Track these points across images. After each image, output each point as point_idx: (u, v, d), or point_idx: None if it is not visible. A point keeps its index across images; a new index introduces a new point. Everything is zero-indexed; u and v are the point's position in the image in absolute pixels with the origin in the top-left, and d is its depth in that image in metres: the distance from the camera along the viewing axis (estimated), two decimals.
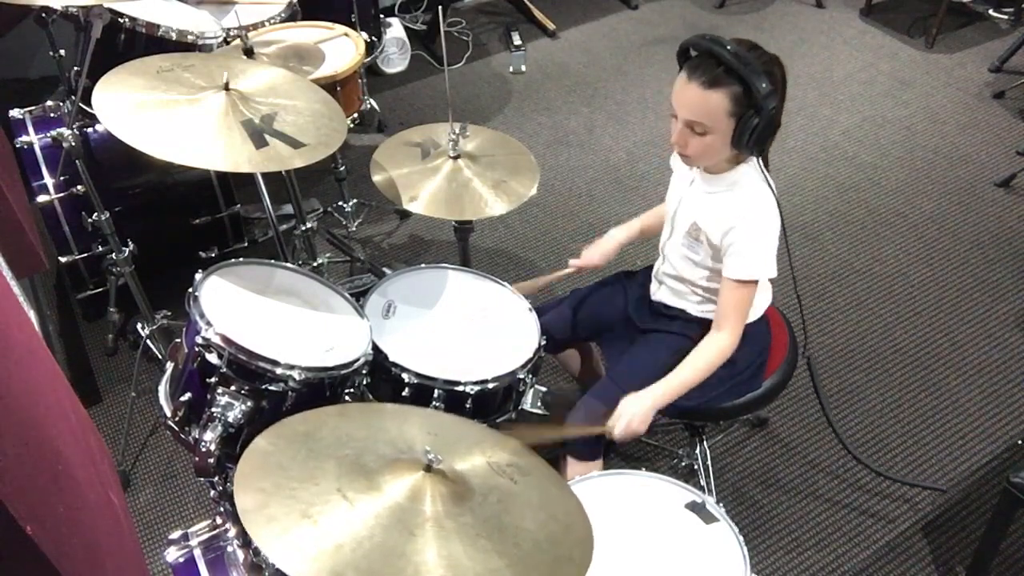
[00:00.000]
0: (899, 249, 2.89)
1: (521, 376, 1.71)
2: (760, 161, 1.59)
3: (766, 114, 1.44)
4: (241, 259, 1.66)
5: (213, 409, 1.42)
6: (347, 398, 1.58)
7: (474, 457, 1.26)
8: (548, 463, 1.35)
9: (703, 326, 1.72)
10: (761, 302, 1.75)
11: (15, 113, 2.41)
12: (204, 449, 1.38)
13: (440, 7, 3.08)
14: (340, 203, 2.91)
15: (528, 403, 1.81)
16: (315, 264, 2.24)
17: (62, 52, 2.41)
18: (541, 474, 1.30)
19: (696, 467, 2.04)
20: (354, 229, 2.93)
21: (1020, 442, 2.26)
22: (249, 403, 1.43)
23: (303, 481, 1.10)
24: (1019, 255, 2.84)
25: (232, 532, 1.56)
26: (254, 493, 1.07)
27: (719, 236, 1.60)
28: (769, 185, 1.58)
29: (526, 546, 1.11)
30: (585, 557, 1.14)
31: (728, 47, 1.43)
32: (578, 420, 1.73)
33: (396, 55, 3.76)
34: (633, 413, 1.60)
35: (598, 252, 1.92)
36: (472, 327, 1.80)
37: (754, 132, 1.46)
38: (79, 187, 2.26)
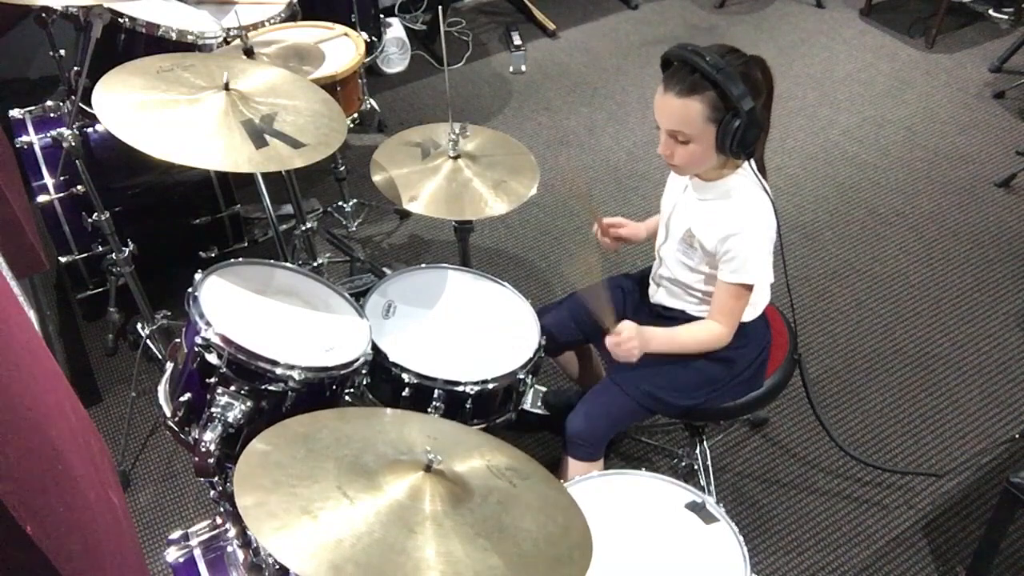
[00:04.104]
0: (899, 249, 2.89)
1: (521, 376, 1.71)
2: (752, 165, 1.59)
3: (744, 116, 1.44)
4: (241, 259, 1.66)
5: (213, 409, 1.42)
6: (347, 398, 1.58)
7: (473, 460, 1.26)
8: (548, 464, 1.35)
9: None
10: (760, 301, 1.75)
11: (15, 113, 2.41)
12: (204, 449, 1.38)
13: (440, 7, 3.08)
14: (340, 203, 2.91)
15: (528, 403, 1.81)
16: (315, 264, 2.24)
17: (62, 52, 2.41)
18: (540, 479, 1.30)
19: (696, 467, 2.04)
20: (354, 229, 2.94)
21: (1018, 436, 2.26)
22: (249, 403, 1.43)
23: (303, 479, 1.11)
24: (1019, 255, 2.84)
25: (232, 532, 1.56)
26: (254, 490, 1.07)
27: (713, 244, 1.60)
28: (764, 189, 1.58)
29: (525, 546, 1.11)
30: (584, 559, 1.14)
31: (701, 55, 1.44)
32: (578, 424, 1.73)
33: (396, 55, 3.76)
34: (633, 337, 1.59)
35: (632, 225, 1.89)
36: (472, 327, 1.80)
37: (735, 136, 1.47)
38: (79, 187, 2.26)
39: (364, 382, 1.63)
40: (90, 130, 2.34)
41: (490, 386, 1.66)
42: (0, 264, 2.09)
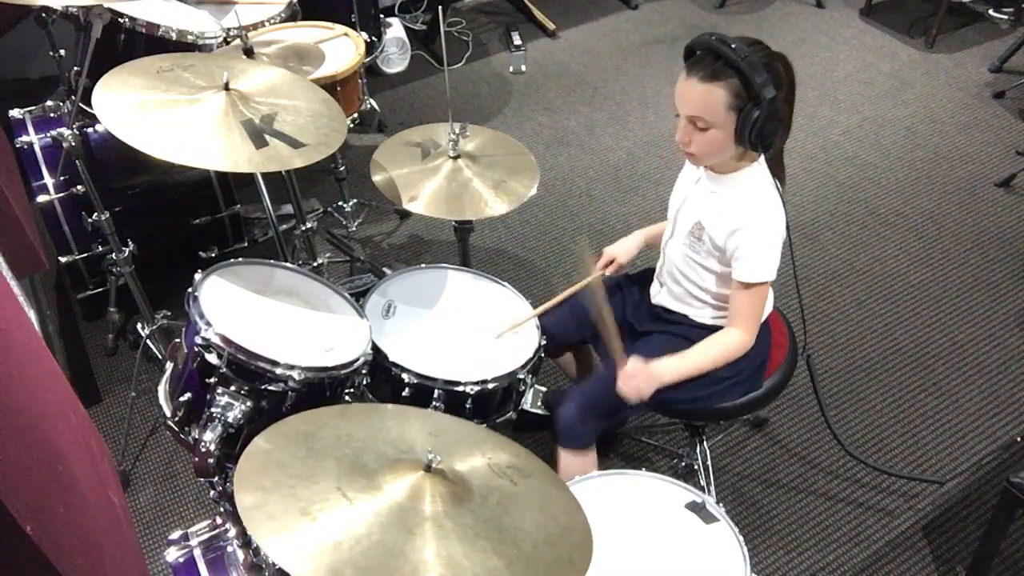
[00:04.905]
0: (899, 249, 2.88)
1: (521, 376, 1.71)
2: (767, 162, 1.59)
3: (766, 106, 1.44)
4: (241, 259, 1.66)
5: (213, 409, 1.42)
6: (347, 398, 1.58)
7: (474, 458, 1.26)
8: (545, 462, 1.35)
9: (705, 332, 1.71)
10: (766, 304, 1.74)
11: (15, 113, 2.41)
12: (204, 449, 1.38)
13: (440, 7, 3.08)
14: (340, 203, 2.91)
15: (528, 403, 1.81)
16: (315, 264, 2.24)
17: (62, 52, 2.41)
18: (541, 476, 1.30)
19: (696, 467, 2.04)
20: (354, 229, 2.94)
21: (1020, 439, 2.26)
22: (249, 403, 1.43)
23: (303, 479, 1.11)
24: (1019, 255, 2.84)
25: (232, 532, 1.56)
26: (253, 490, 1.07)
27: (723, 237, 1.59)
28: (777, 187, 1.58)
29: (525, 547, 1.11)
30: (584, 560, 1.14)
31: (727, 42, 1.44)
32: (572, 416, 1.72)
33: (396, 55, 3.76)
34: (641, 374, 1.60)
35: (621, 249, 1.90)
36: (472, 327, 1.80)
37: (755, 125, 1.46)
38: (79, 187, 2.26)
39: (364, 382, 1.63)
40: (90, 130, 2.34)
41: (490, 386, 1.66)
42: (0, 264, 2.09)
